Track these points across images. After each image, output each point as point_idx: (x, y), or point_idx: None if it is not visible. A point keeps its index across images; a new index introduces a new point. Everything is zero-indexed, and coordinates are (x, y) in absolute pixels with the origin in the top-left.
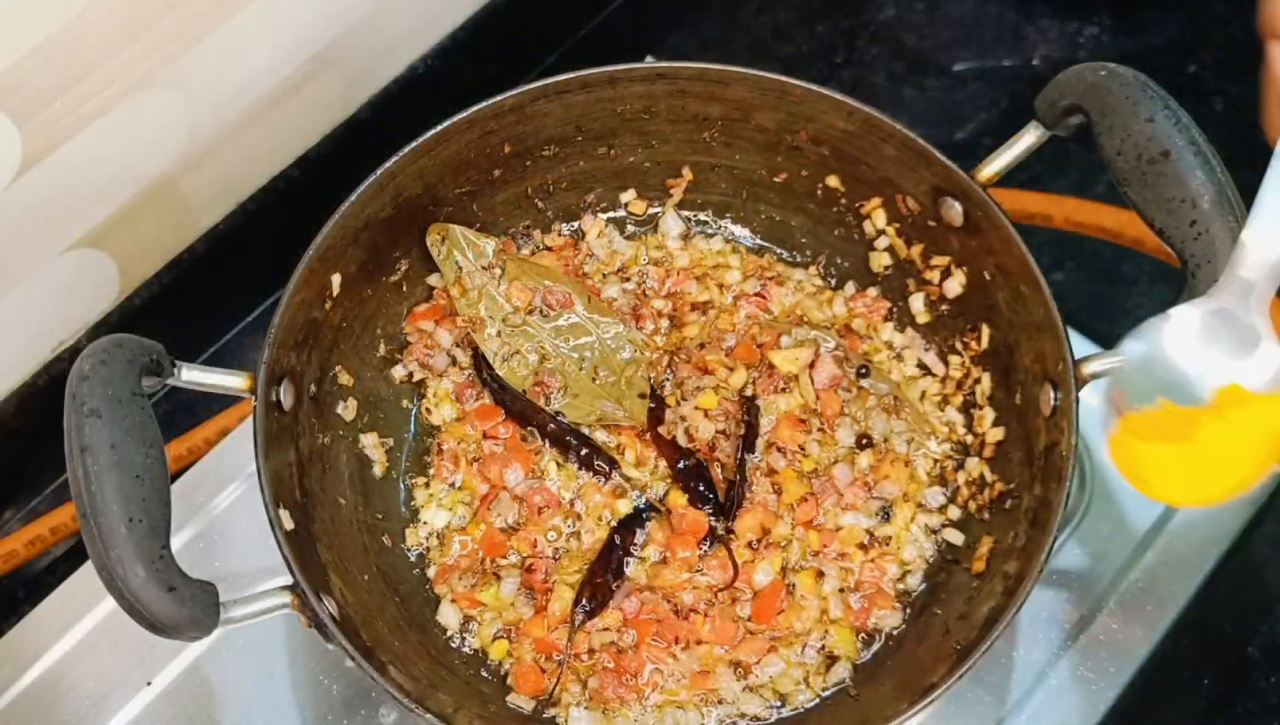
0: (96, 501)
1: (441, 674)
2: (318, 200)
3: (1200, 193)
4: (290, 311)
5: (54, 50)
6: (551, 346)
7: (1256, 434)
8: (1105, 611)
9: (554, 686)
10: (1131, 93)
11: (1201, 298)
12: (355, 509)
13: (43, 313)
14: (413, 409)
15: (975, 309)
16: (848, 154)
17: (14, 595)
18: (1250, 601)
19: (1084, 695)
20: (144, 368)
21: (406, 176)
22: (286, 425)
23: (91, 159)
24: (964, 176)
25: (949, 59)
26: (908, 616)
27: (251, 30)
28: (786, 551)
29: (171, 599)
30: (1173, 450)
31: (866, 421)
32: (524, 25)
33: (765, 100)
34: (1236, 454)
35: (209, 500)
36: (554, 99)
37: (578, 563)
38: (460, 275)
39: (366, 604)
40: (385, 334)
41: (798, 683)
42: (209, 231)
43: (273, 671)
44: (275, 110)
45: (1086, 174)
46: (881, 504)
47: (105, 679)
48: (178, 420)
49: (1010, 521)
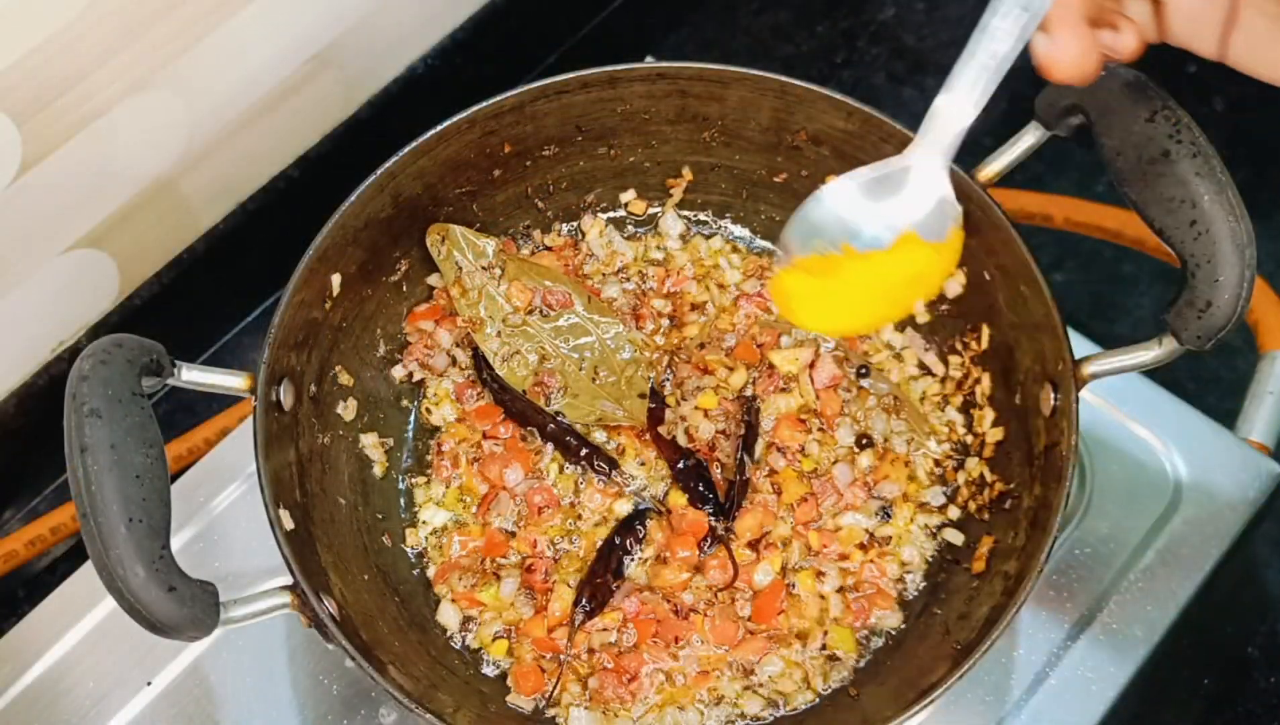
0: (96, 501)
1: (441, 674)
2: (318, 200)
3: (1200, 193)
4: (290, 311)
5: (54, 50)
6: (551, 346)
7: (900, 275)
8: (1105, 612)
9: (554, 686)
10: (1131, 92)
11: (894, 157)
12: (355, 509)
13: (43, 313)
14: (413, 409)
15: (975, 309)
16: (848, 154)
17: (14, 595)
18: (1250, 601)
19: (1084, 695)
20: (144, 368)
21: (406, 176)
22: (286, 425)
23: (91, 159)
24: (964, 176)
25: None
26: (908, 616)
27: (251, 30)
28: (786, 551)
29: (171, 599)
30: (820, 284)
31: (866, 421)
32: (524, 25)
33: (765, 100)
34: (879, 291)
35: (209, 500)
36: (554, 99)
37: (577, 563)
38: (460, 275)
39: (366, 604)
40: (385, 334)
41: (798, 683)
42: (209, 231)
43: (273, 671)
44: (275, 110)
45: (1086, 174)
46: (881, 504)
47: (105, 679)
48: (178, 420)
49: (1010, 521)
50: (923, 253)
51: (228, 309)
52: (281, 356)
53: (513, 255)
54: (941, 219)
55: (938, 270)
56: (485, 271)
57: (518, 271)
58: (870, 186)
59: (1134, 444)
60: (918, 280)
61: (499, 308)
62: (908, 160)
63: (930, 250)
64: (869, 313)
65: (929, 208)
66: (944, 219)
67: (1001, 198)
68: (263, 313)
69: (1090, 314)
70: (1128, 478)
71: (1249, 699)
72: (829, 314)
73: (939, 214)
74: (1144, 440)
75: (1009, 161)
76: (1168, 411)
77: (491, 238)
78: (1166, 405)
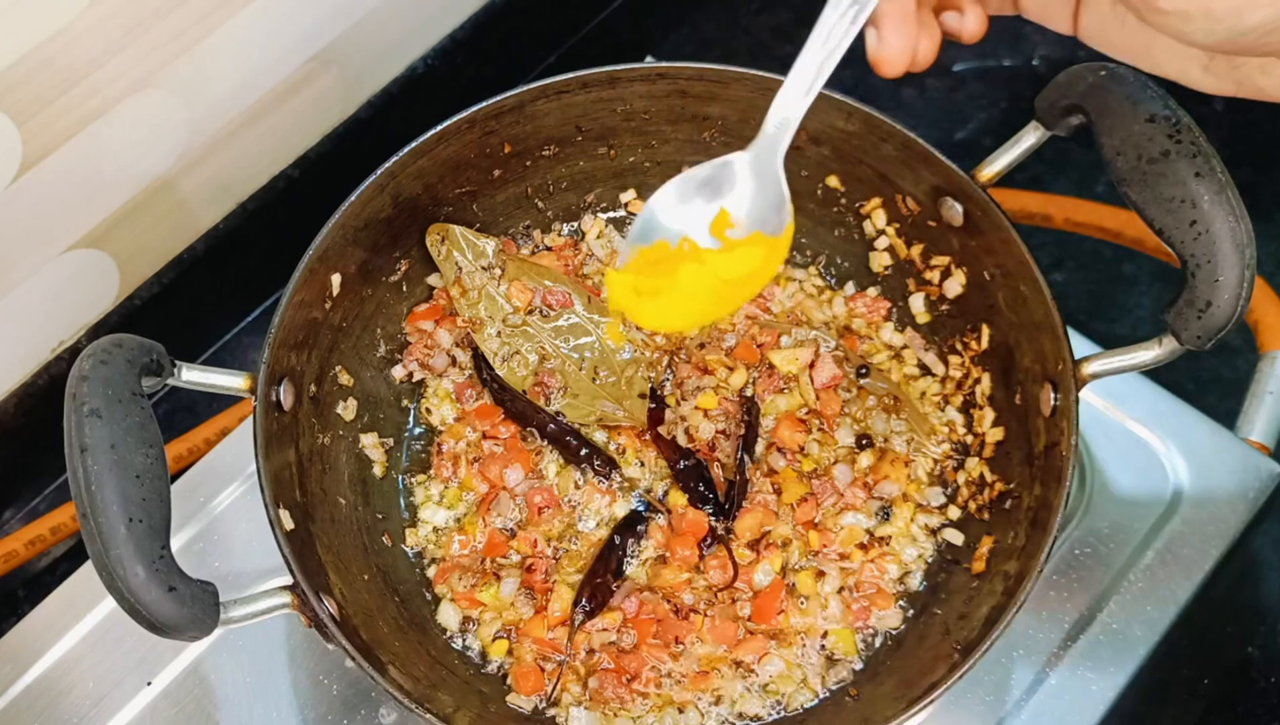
0: (96, 501)
1: (441, 674)
2: (318, 200)
3: (1200, 193)
4: (290, 311)
5: (54, 50)
6: (551, 346)
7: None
8: (1105, 611)
9: (554, 686)
10: (1131, 93)
11: (740, 151)
12: (355, 509)
13: (43, 313)
14: (412, 409)
15: (975, 309)
16: (848, 154)
17: (14, 595)
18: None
19: (1084, 695)
20: (144, 368)
21: (406, 176)
22: (286, 425)
23: (91, 159)
24: (964, 176)
25: (949, 59)
26: (908, 617)
27: (251, 30)
28: (786, 551)
29: (171, 599)
30: (655, 282)
31: (866, 421)
32: (524, 25)
33: (765, 100)
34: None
35: (209, 500)
36: (554, 99)
37: (577, 563)
38: (460, 275)
39: (366, 604)
40: (385, 334)
41: (798, 683)
42: (209, 231)
43: (273, 671)
44: (275, 110)
45: (1086, 174)
46: (881, 504)
47: (105, 679)
48: (178, 420)
49: (1010, 521)
50: (759, 248)
51: (228, 309)
52: (281, 356)
53: (513, 255)
54: (779, 213)
55: (772, 264)
56: (485, 271)
57: (518, 271)
58: (706, 183)
59: (1134, 444)
60: (753, 276)
61: (499, 308)
62: (746, 156)
63: (767, 245)
64: (703, 309)
65: (767, 202)
66: (781, 213)
67: (1001, 198)
68: (263, 313)
69: (1090, 314)
70: (1128, 478)
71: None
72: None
73: (777, 208)
74: (1144, 440)
75: (1009, 161)
76: (1168, 411)
77: (491, 238)
78: (1166, 405)
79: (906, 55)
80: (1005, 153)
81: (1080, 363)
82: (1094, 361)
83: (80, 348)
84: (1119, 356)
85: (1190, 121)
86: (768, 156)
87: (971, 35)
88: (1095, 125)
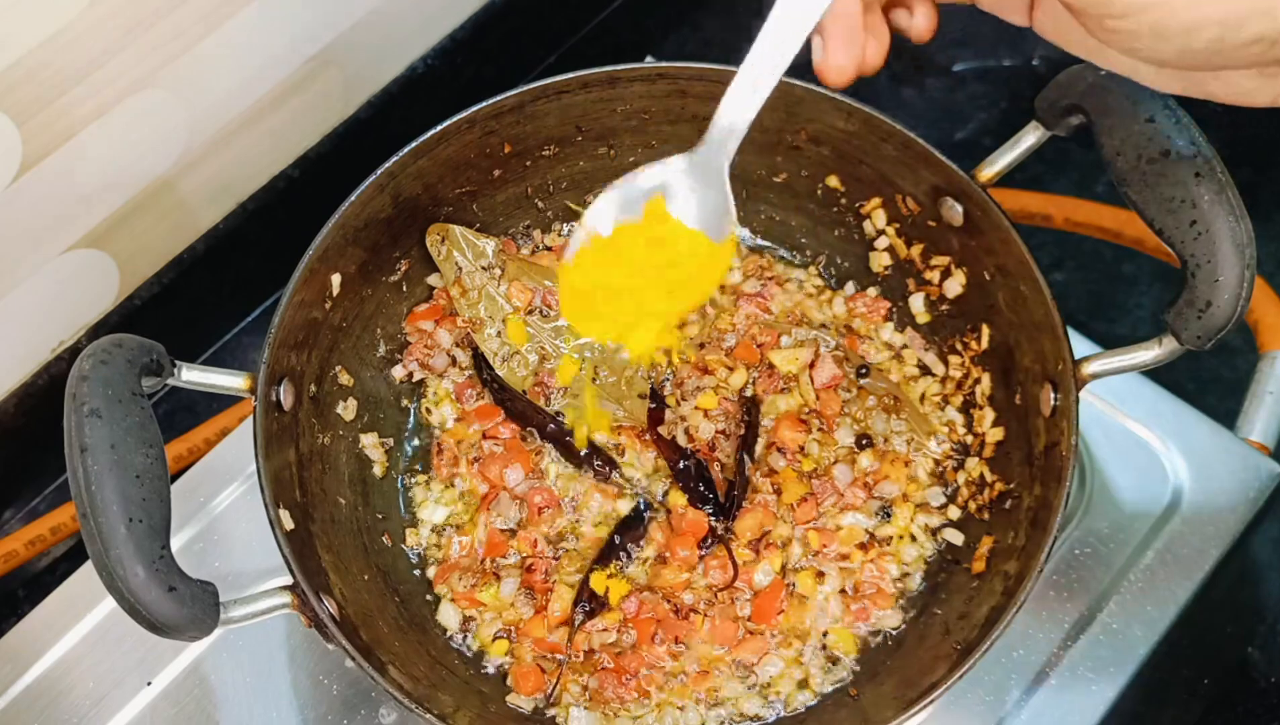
0: (96, 501)
1: (441, 674)
2: (318, 200)
3: (1200, 193)
4: (290, 311)
5: (54, 50)
6: (551, 346)
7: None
8: (1105, 611)
9: (554, 686)
10: (1131, 93)
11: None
12: (355, 509)
13: (43, 313)
14: (412, 409)
15: (975, 309)
16: (848, 154)
17: (14, 595)
18: (1250, 601)
19: (1084, 695)
20: (144, 368)
21: (406, 176)
22: (286, 425)
23: (91, 159)
24: (964, 176)
25: (949, 59)
26: (908, 617)
27: (251, 30)
28: (786, 551)
29: (171, 599)
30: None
31: (866, 421)
32: (524, 25)
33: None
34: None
35: (209, 500)
36: (554, 99)
37: (577, 563)
38: (460, 275)
39: (366, 604)
40: (385, 334)
41: (798, 683)
42: (209, 231)
43: (273, 671)
44: (275, 110)
45: (1086, 174)
46: (881, 504)
47: (105, 679)
48: (178, 420)
49: (1010, 521)
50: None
51: (228, 309)
52: (281, 356)
53: (513, 255)
54: (722, 219)
55: (715, 270)
56: (485, 271)
57: (518, 271)
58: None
59: (1134, 444)
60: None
61: (499, 308)
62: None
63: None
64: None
65: (710, 206)
66: (724, 219)
67: (1001, 198)
68: (263, 313)
69: (1090, 314)
70: (1128, 478)
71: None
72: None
73: (721, 213)
74: (1144, 440)
75: (1009, 161)
76: (1168, 411)
77: (491, 238)
78: (1166, 405)
79: (851, 67)
80: (1005, 153)
81: (1080, 363)
82: (1094, 361)
83: (80, 348)
84: (1119, 356)
85: (1190, 121)
86: (714, 158)
87: (920, 35)
88: (1095, 125)
